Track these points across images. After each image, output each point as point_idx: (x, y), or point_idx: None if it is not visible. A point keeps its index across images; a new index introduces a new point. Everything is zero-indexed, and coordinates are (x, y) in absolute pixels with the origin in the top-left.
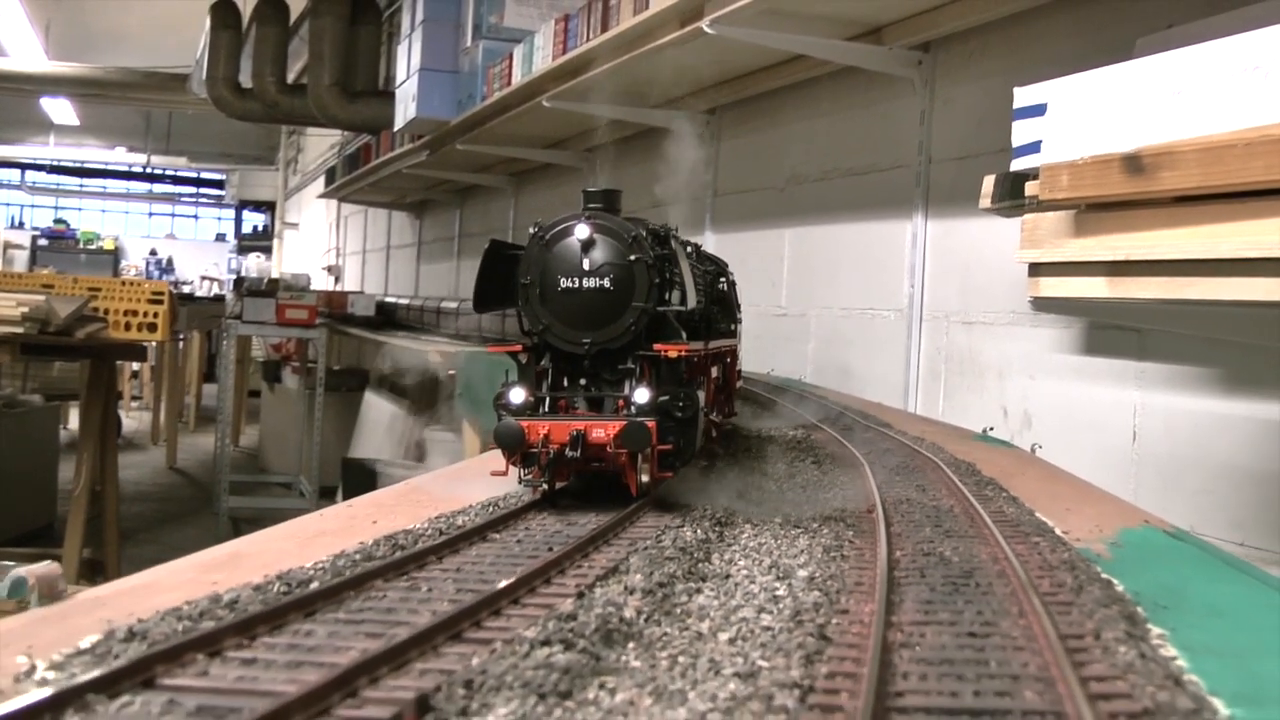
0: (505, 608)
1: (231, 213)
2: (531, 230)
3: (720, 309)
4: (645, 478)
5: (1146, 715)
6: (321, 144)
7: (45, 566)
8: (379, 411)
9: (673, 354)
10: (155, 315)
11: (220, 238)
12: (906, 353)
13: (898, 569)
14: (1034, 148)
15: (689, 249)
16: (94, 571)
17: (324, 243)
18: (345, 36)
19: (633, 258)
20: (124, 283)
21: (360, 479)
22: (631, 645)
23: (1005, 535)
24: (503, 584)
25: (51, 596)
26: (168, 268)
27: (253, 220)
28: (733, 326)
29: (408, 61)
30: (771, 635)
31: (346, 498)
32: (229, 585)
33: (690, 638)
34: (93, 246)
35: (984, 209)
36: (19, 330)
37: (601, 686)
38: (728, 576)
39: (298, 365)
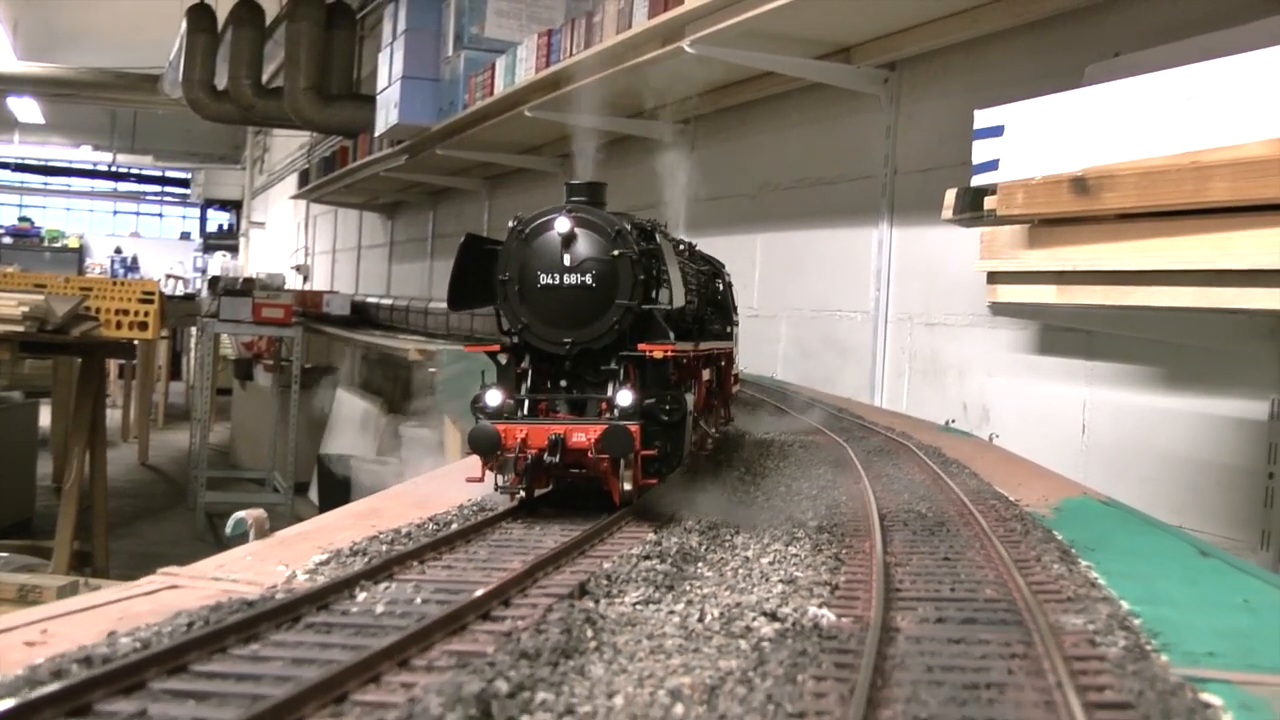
0: (607, 538)
1: (196, 211)
2: (511, 224)
3: (714, 310)
4: (628, 485)
5: (1069, 600)
6: (289, 144)
7: (257, 511)
8: (351, 408)
9: (658, 355)
10: (146, 314)
11: (185, 236)
12: (873, 352)
13: (886, 520)
14: (992, 165)
15: (681, 247)
16: (82, 563)
17: (291, 242)
18: (321, 41)
19: (616, 253)
20: (115, 282)
21: (335, 475)
22: (701, 564)
23: (969, 498)
24: (601, 523)
25: (263, 534)
26: (133, 266)
27: (218, 219)
28: (728, 329)
29: (389, 69)
30: (799, 559)
31: (321, 493)
32: (389, 527)
33: (741, 560)
34: (57, 244)
35: (946, 219)
36: (20, 329)
37: (690, 584)
38: (754, 525)
39: (270, 363)
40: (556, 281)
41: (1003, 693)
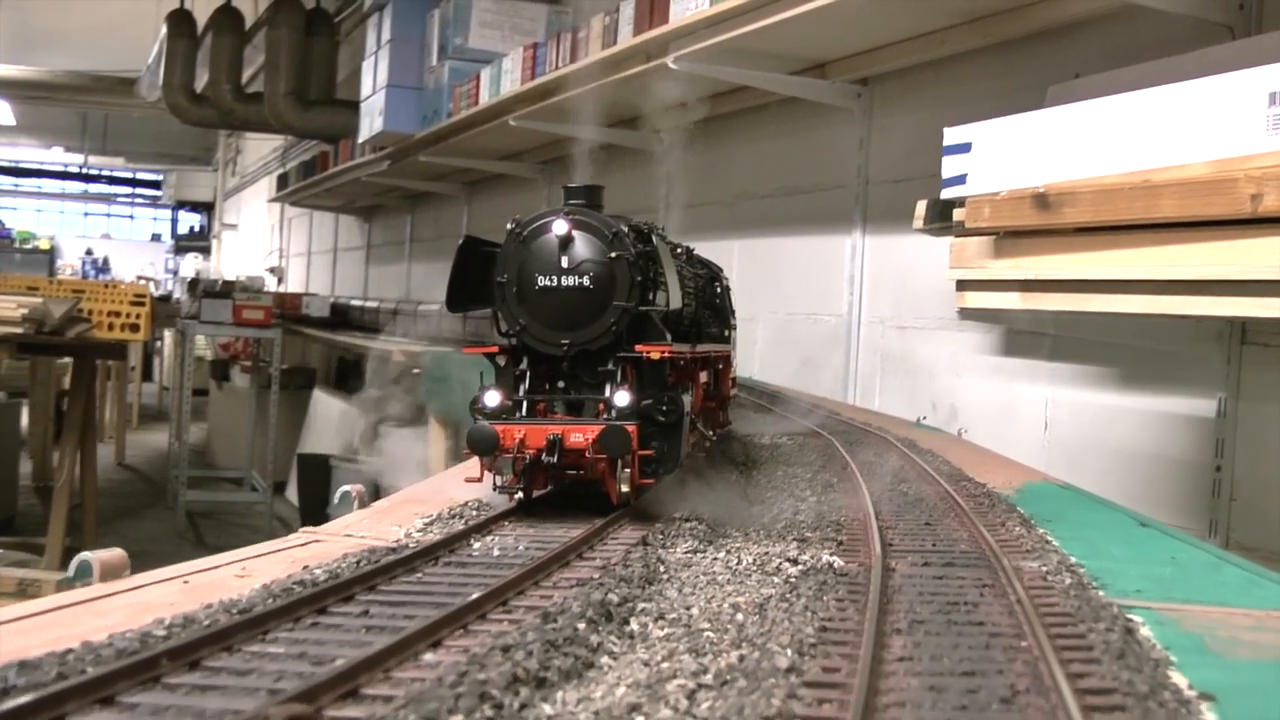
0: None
1: (167, 213)
2: (509, 226)
3: (712, 313)
4: (625, 487)
5: (1029, 551)
6: (262, 147)
7: (358, 486)
8: (328, 409)
9: (655, 356)
10: (137, 316)
11: (156, 238)
12: (846, 353)
13: (874, 495)
14: (960, 180)
15: (679, 250)
16: (72, 558)
17: (265, 244)
18: (300, 47)
19: (613, 255)
20: (107, 285)
21: (315, 473)
22: (728, 526)
23: (943, 480)
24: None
25: (364, 504)
26: (104, 267)
27: (189, 221)
28: (725, 332)
29: (374, 77)
30: (806, 524)
31: (301, 492)
32: (459, 503)
33: (759, 525)
34: (28, 246)
35: (916, 229)
36: (19, 330)
37: (724, 540)
38: (763, 501)
39: (247, 364)
40: (554, 283)
41: (976, 607)
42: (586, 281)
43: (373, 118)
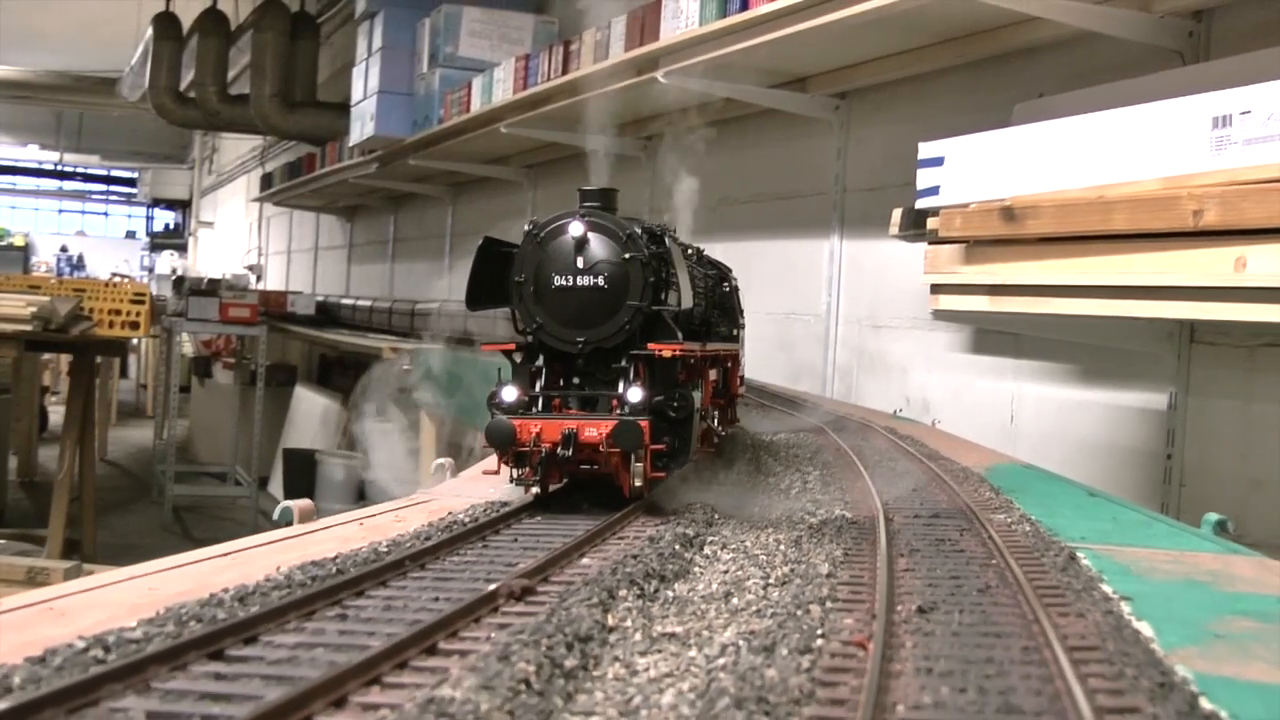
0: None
1: (142, 210)
2: (526, 228)
3: (721, 313)
4: (638, 480)
5: (997, 509)
6: (240, 146)
7: (449, 459)
8: (310, 405)
9: (667, 353)
10: (137, 314)
11: (130, 235)
12: (825, 350)
13: (868, 469)
14: (934, 191)
15: (689, 251)
16: (71, 550)
17: (243, 242)
18: (286, 50)
19: (627, 256)
20: (108, 284)
21: (301, 468)
22: (753, 492)
23: (924, 458)
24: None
25: (443, 480)
26: (78, 264)
27: (164, 218)
28: (735, 332)
29: (365, 82)
30: (816, 489)
31: (286, 486)
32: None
33: (778, 494)
34: (3, 243)
35: (892, 235)
36: (28, 328)
37: (755, 499)
38: (775, 474)
39: (230, 361)
40: (570, 283)
41: (958, 542)
42: (601, 281)
43: (364, 122)
